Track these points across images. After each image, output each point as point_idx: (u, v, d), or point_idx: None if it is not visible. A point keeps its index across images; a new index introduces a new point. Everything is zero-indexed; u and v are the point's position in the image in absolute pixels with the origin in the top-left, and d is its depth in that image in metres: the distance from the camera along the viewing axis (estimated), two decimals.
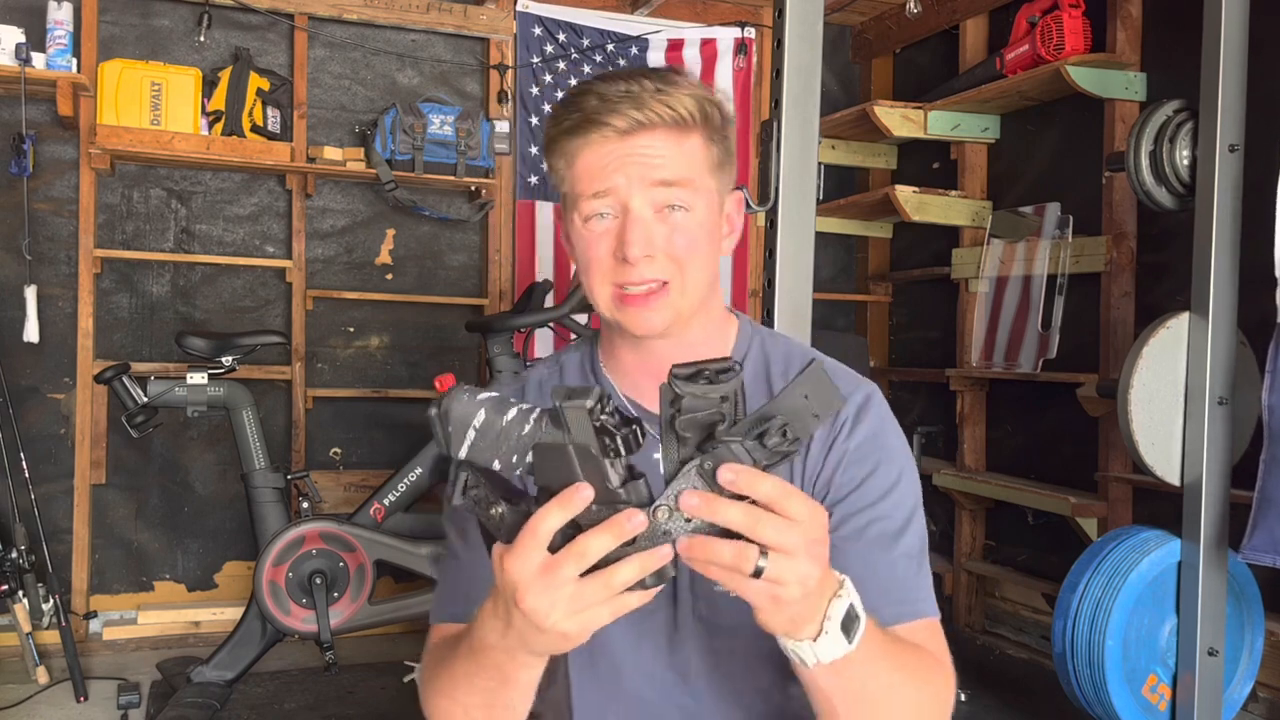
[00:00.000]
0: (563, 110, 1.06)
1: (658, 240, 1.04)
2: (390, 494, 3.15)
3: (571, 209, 1.07)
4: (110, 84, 3.40)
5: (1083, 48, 3.39)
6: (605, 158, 1.03)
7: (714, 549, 0.75)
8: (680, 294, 1.06)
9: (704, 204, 1.06)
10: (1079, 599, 2.62)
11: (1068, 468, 3.57)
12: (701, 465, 0.76)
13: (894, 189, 3.83)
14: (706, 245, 1.07)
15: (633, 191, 1.03)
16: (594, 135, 1.03)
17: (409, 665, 3.24)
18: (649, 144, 1.03)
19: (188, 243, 3.76)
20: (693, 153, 1.05)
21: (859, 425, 1.09)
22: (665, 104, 1.02)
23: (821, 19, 2.32)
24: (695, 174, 1.05)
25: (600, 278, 1.06)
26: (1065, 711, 2.85)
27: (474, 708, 0.95)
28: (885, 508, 1.06)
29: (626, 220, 1.03)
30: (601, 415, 0.76)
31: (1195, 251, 2.51)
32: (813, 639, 0.82)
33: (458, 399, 0.80)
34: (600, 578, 0.76)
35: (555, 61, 4.11)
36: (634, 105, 1.02)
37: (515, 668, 0.88)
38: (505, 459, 0.79)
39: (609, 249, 1.05)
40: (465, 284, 4.09)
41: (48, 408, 3.58)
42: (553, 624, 0.77)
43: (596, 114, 1.02)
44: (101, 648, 3.51)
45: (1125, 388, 2.57)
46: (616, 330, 1.11)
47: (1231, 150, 2.45)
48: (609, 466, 0.76)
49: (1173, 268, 3.17)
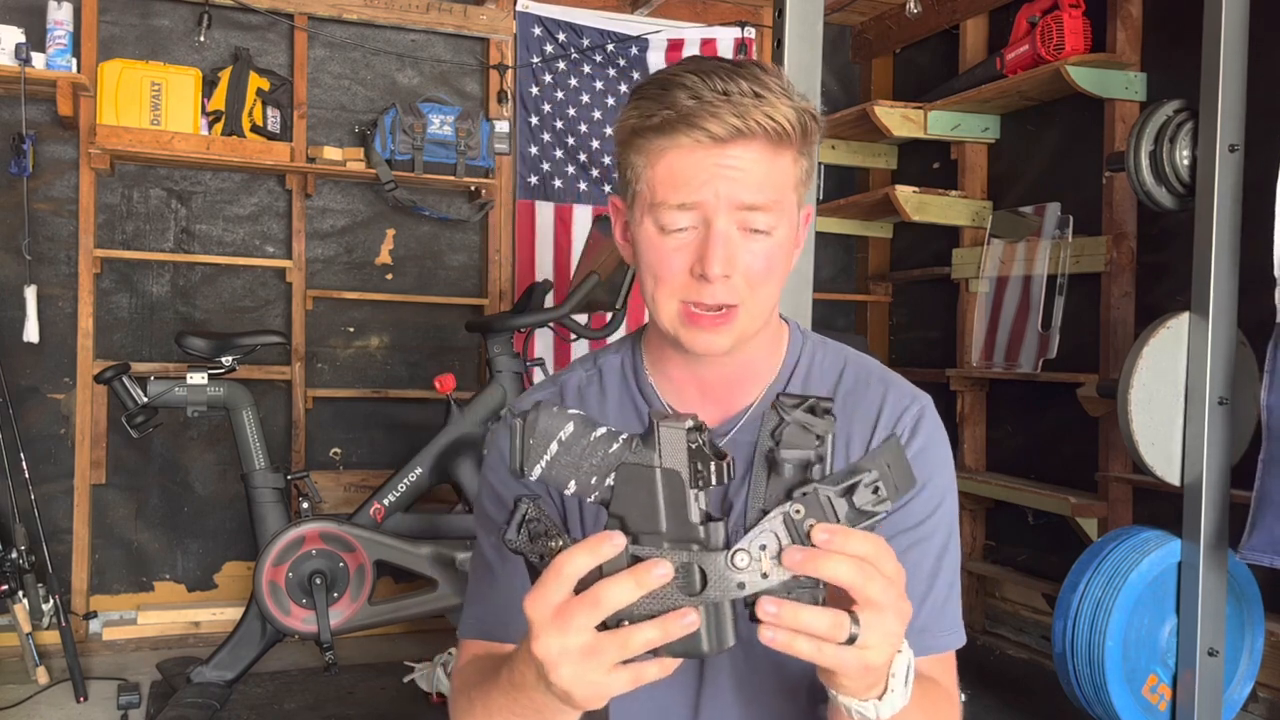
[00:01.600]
0: (648, 102, 0.96)
1: (739, 263, 0.96)
2: (390, 494, 3.15)
3: (645, 213, 0.98)
4: (110, 84, 3.40)
5: (1083, 48, 3.39)
6: (695, 167, 0.94)
7: (808, 618, 0.70)
8: (749, 318, 1.00)
9: (786, 225, 0.99)
10: (1079, 599, 2.62)
11: (1068, 468, 3.57)
12: (788, 514, 0.71)
13: (894, 189, 3.83)
14: (781, 267, 1.01)
15: (719, 209, 0.95)
16: (684, 140, 0.94)
17: (409, 665, 3.24)
18: (742, 156, 0.94)
19: (188, 243, 3.76)
20: (784, 170, 0.97)
21: (914, 439, 1.06)
22: (767, 114, 0.93)
23: (821, 19, 2.32)
24: (783, 195, 0.98)
25: (669, 292, 0.99)
26: (1065, 711, 2.85)
27: None
28: (927, 529, 1.03)
29: (710, 236, 0.95)
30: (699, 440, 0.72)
31: (1195, 251, 2.51)
32: (878, 697, 0.79)
33: (547, 410, 0.75)
34: (616, 637, 0.70)
35: (555, 61, 4.11)
36: (734, 112, 0.92)
37: (554, 713, 0.81)
38: (584, 479, 0.74)
39: (685, 264, 0.97)
40: (465, 284, 4.09)
41: (48, 408, 3.58)
42: (560, 678, 0.72)
43: (692, 115, 0.92)
44: (101, 648, 3.51)
45: (1125, 388, 2.57)
46: (673, 344, 1.03)
47: (1231, 150, 2.45)
48: (692, 499, 0.72)
49: (1173, 268, 3.17)
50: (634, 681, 0.72)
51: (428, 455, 3.19)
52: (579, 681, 0.71)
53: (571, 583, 0.71)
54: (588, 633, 0.70)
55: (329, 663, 2.98)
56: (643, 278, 1.02)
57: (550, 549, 0.76)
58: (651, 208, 0.97)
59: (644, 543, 0.71)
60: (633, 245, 1.03)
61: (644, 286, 1.02)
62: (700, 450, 0.72)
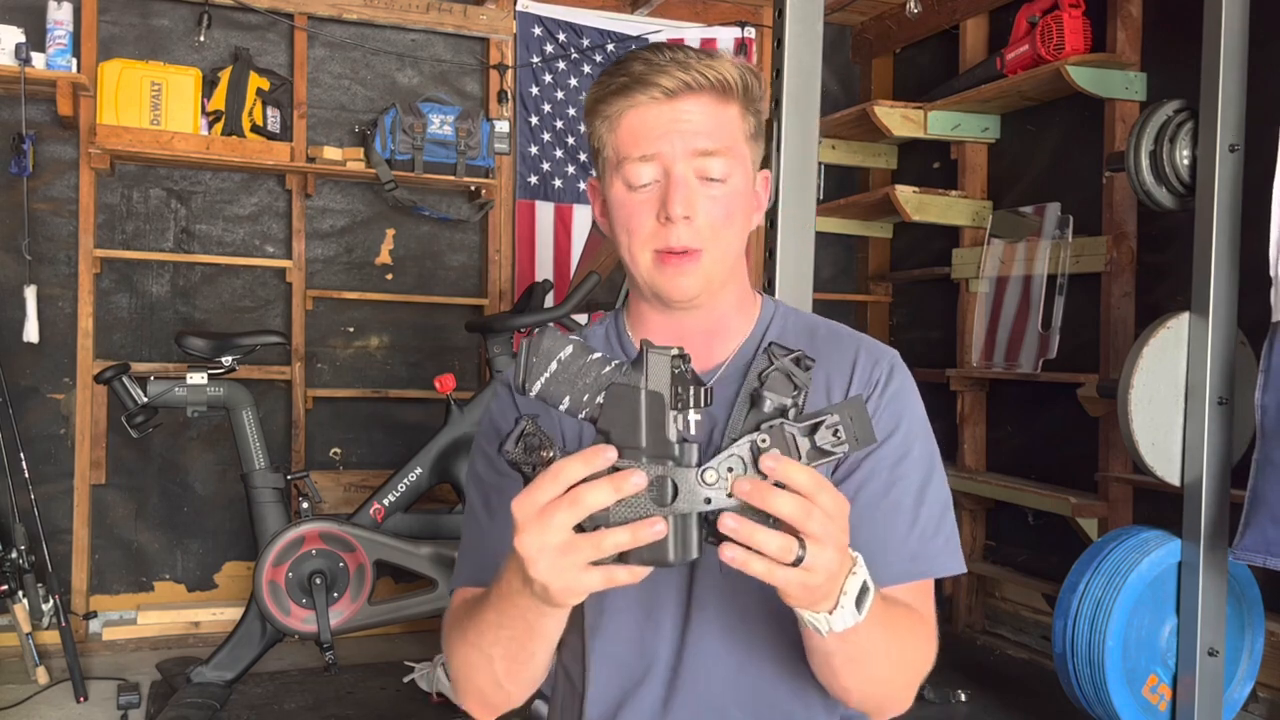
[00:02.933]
0: (608, 76, 1.09)
1: (697, 205, 1.07)
2: (390, 494, 3.15)
3: (614, 173, 1.09)
4: (110, 84, 3.40)
5: (1083, 48, 3.39)
6: (651, 120, 1.06)
7: (761, 537, 0.77)
8: (712, 262, 1.09)
9: (740, 173, 1.10)
10: (1079, 599, 2.62)
11: (1068, 468, 3.57)
12: (755, 442, 0.79)
13: (894, 189, 3.83)
14: (740, 215, 1.11)
15: (677, 157, 1.06)
16: (640, 96, 1.06)
17: (409, 665, 3.24)
18: (692, 109, 1.06)
19: (187, 243, 3.76)
20: (732, 121, 1.09)
21: (890, 384, 1.14)
22: (710, 68, 1.06)
23: (821, 19, 2.32)
24: (734, 142, 1.08)
25: (641, 243, 1.09)
26: (1065, 712, 2.85)
27: (498, 658, 0.98)
28: (905, 467, 1.11)
29: (670, 183, 1.06)
30: (682, 366, 0.81)
31: (1195, 251, 2.51)
32: (829, 611, 0.87)
33: (551, 333, 0.84)
34: (590, 537, 0.77)
35: (555, 61, 4.11)
36: (680, 68, 1.05)
37: (537, 616, 0.89)
38: (577, 396, 0.82)
39: (652, 213, 1.08)
40: (465, 284, 4.09)
41: (47, 408, 3.58)
42: (539, 573, 0.79)
43: (644, 76, 1.06)
44: (101, 648, 3.51)
45: (1125, 388, 2.57)
46: (649, 297, 1.14)
47: (1231, 150, 2.45)
48: (671, 420, 0.79)
49: (1173, 268, 3.17)
50: (605, 581, 0.79)
51: (427, 455, 3.19)
52: (555, 576, 0.78)
53: (561, 488, 0.77)
54: (565, 532, 0.77)
55: (329, 663, 2.98)
56: (618, 237, 1.12)
57: (543, 459, 0.82)
58: (618, 166, 1.08)
59: (625, 456, 0.78)
60: (607, 210, 1.13)
61: (620, 244, 1.12)
62: (682, 376, 0.80)
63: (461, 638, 1.04)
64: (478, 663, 1.01)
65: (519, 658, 0.97)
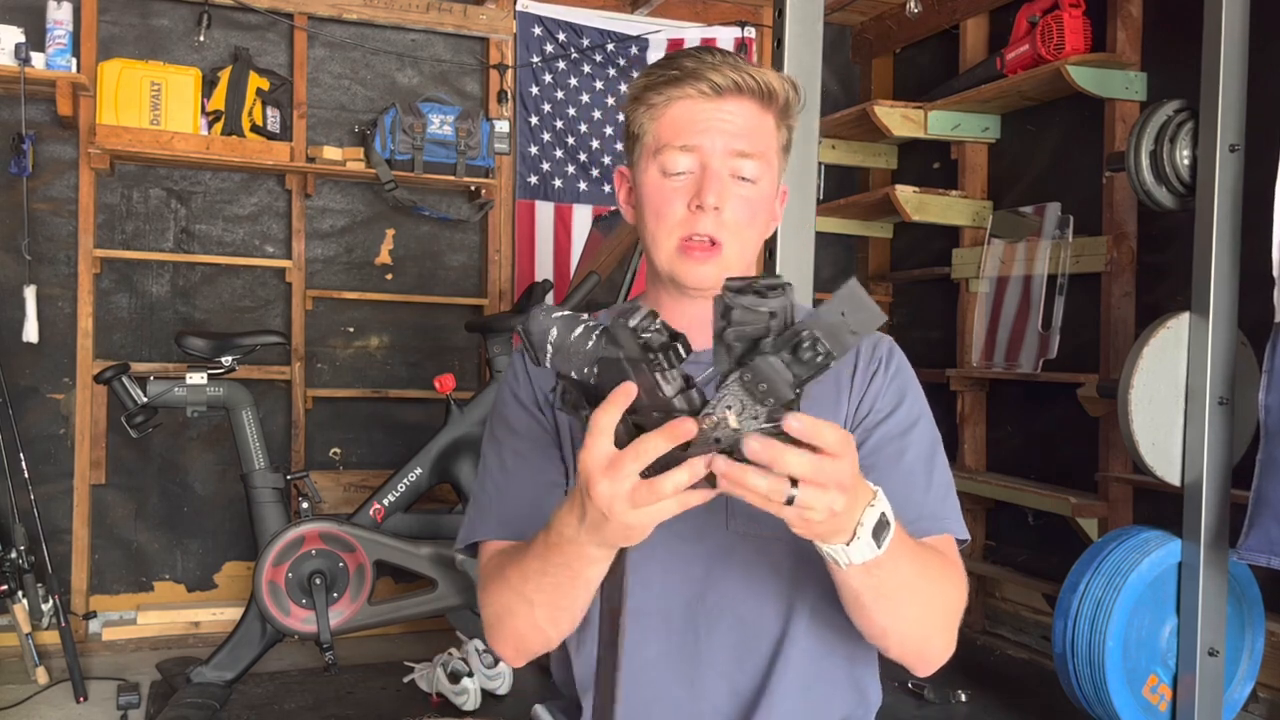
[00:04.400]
0: (658, 68, 1.15)
1: (728, 199, 1.12)
2: (390, 494, 3.15)
3: (651, 160, 1.15)
4: (110, 84, 3.40)
5: (1083, 47, 3.38)
6: (696, 113, 1.12)
7: (750, 479, 0.81)
8: (733, 256, 1.15)
9: (768, 180, 1.16)
10: (1079, 599, 2.62)
11: (1068, 468, 3.57)
12: (741, 377, 0.81)
13: (894, 189, 3.83)
14: (762, 218, 1.17)
15: (715, 153, 1.12)
16: (690, 89, 1.12)
17: (409, 665, 3.24)
18: (736, 110, 1.12)
19: (187, 243, 3.75)
20: (769, 129, 1.15)
21: (890, 363, 1.21)
22: (759, 74, 1.12)
23: (821, 19, 2.31)
24: (767, 149, 1.15)
25: (668, 230, 1.14)
26: (1065, 712, 2.85)
27: (539, 604, 1.04)
28: (915, 435, 1.17)
29: (705, 175, 1.12)
30: (645, 333, 0.84)
31: (1196, 251, 2.51)
32: (845, 543, 0.90)
33: (535, 318, 0.89)
34: (656, 482, 0.83)
35: (555, 61, 4.11)
36: (731, 69, 1.11)
37: (584, 563, 0.96)
38: (579, 369, 0.88)
39: (683, 201, 1.13)
40: (465, 284, 4.09)
41: (47, 408, 3.57)
42: (618, 514, 0.85)
43: (696, 70, 1.11)
44: (101, 648, 3.51)
45: (1125, 388, 2.57)
46: (667, 284, 1.19)
47: (1232, 150, 2.45)
48: (659, 378, 0.83)
49: (1173, 268, 3.16)
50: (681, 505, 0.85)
51: (427, 455, 3.19)
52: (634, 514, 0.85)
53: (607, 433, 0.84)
54: (634, 478, 0.84)
55: (329, 663, 2.98)
56: (645, 220, 1.17)
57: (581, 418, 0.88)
58: (656, 153, 1.14)
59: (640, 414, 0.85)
60: (636, 195, 1.18)
61: (645, 229, 1.17)
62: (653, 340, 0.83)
63: (502, 584, 1.09)
64: (518, 608, 1.07)
65: (560, 604, 1.03)
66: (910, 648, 1.07)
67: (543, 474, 1.19)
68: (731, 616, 1.16)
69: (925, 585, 1.02)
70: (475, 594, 3.12)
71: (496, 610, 1.10)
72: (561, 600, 1.02)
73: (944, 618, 1.07)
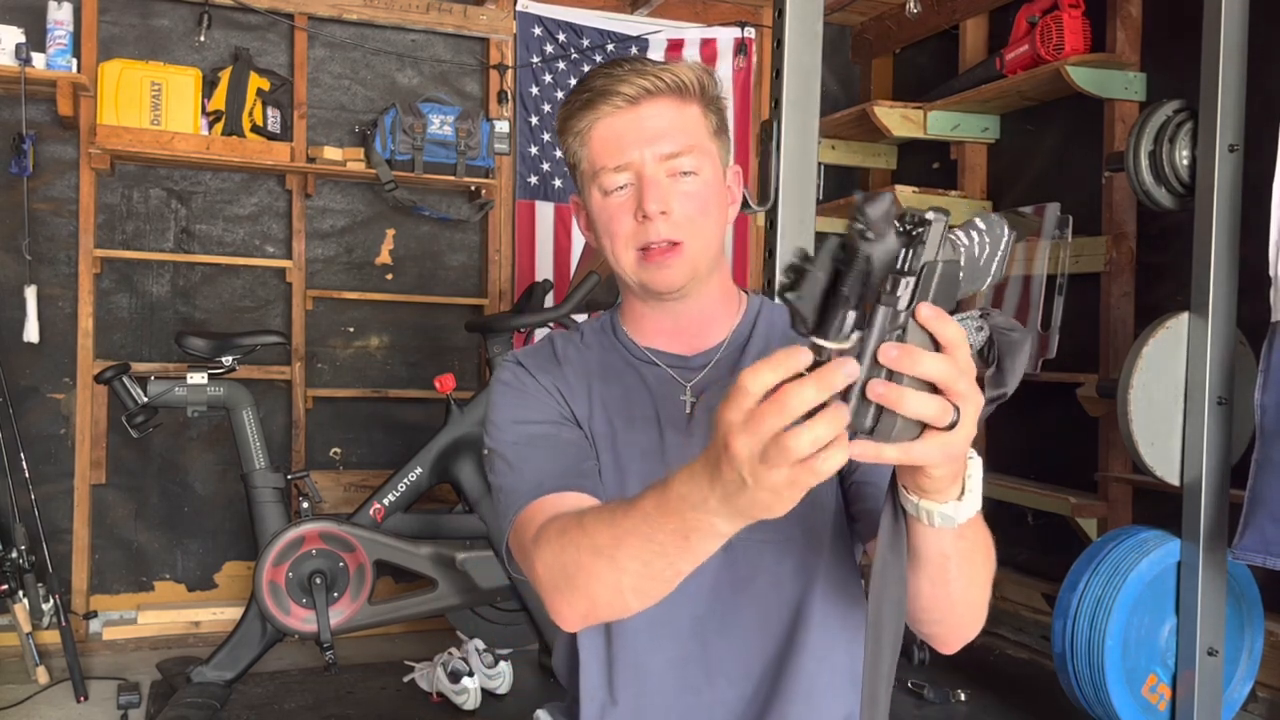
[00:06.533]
0: (573, 94, 1.18)
1: (672, 201, 1.14)
2: (390, 494, 3.15)
3: (591, 184, 1.17)
4: (110, 84, 3.40)
5: (1082, 48, 3.39)
6: (619, 128, 1.14)
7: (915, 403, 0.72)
8: (694, 252, 1.15)
9: (709, 167, 1.17)
10: (1079, 599, 2.62)
11: (1068, 468, 3.57)
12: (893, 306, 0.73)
13: (894, 189, 3.83)
14: (715, 207, 1.17)
15: (645, 162, 1.14)
16: (605, 107, 1.14)
17: (409, 665, 3.24)
18: (655, 112, 1.14)
19: (187, 243, 3.76)
20: (694, 120, 1.16)
21: None
22: (667, 72, 1.14)
23: (821, 19, 2.32)
24: (698, 140, 1.16)
25: (624, 243, 1.16)
26: (1065, 711, 2.85)
27: (631, 572, 0.91)
28: None
29: (643, 184, 1.14)
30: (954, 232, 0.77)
31: (1195, 251, 2.51)
32: (957, 498, 0.84)
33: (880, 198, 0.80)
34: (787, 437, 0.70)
35: (555, 61, 4.11)
36: (638, 75, 1.14)
37: (704, 535, 0.83)
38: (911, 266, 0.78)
39: (629, 214, 1.15)
40: (465, 284, 4.09)
41: (48, 408, 3.58)
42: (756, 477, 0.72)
43: (606, 88, 1.14)
44: (101, 648, 3.51)
45: (1125, 388, 2.57)
46: (640, 293, 1.20)
47: (1231, 150, 2.45)
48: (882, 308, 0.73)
49: (1172, 268, 3.16)
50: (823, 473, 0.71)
51: (427, 455, 3.19)
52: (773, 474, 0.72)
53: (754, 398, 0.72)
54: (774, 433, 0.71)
55: (329, 663, 2.98)
56: (602, 242, 1.19)
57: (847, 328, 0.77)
58: (594, 177, 1.16)
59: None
60: (589, 220, 1.20)
61: (605, 249, 1.19)
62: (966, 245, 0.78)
63: (580, 542, 0.96)
64: (601, 571, 0.94)
65: (661, 575, 0.91)
66: (969, 618, 1.00)
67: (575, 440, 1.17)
68: (739, 627, 1.16)
69: (988, 542, 0.96)
70: (475, 594, 3.15)
71: (567, 569, 0.97)
72: (664, 571, 0.90)
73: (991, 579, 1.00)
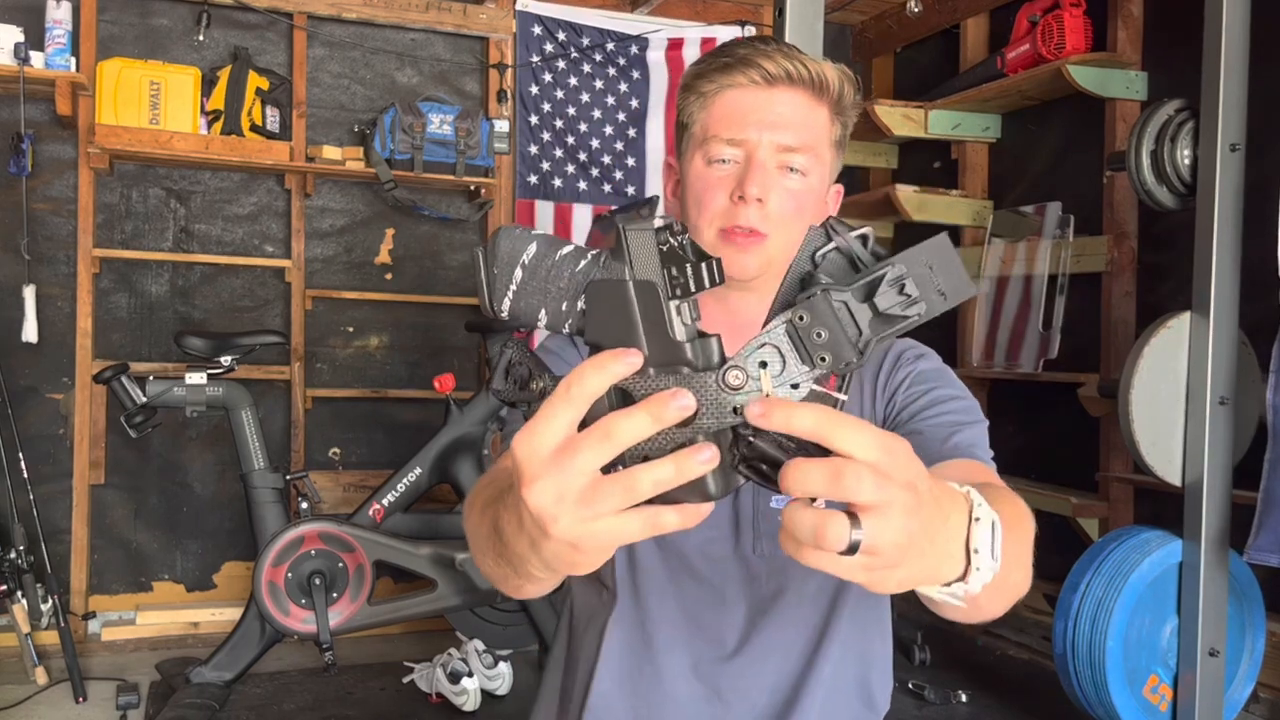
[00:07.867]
0: (712, 56, 1.12)
1: (772, 192, 1.08)
2: (389, 494, 3.14)
3: (697, 149, 1.11)
4: (109, 83, 3.40)
5: (1084, 47, 3.38)
6: (745, 104, 1.08)
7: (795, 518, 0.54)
8: (775, 248, 1.09)
9: (818, 174, 1.11)
10: (1080, 599, 2.61)
11: (1069, 468, 3.57)
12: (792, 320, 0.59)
13: (895, 188, 3.82)
14: (810, 213, 1.11)
15: (761, 145, 1.08)
16: (740, 77, 1.08)
17: (408, 665, 3.24)
18: (787, 100, 1.08)
19: (187, 242, 3.75)
20: (820, 122, 1.10)
21: (922, 359, 1.16)
22: (812, 64, 1.08)
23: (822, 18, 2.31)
24: (817, 143, 1.10)
25: (710, 218, 1.10)
26: (1066, 712, 2.85)
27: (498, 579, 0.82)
28: (954, 406, 1.11)
29: (750, 165, 1.08)
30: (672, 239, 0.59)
31: (1196, 251, 2.50)
32: (961, 578, 0.64)
33: (508, 234, 0.65)
34: (622, 478, 0.55)
35: (555, 61, 4.10)
36: (784, 58, 1.07)
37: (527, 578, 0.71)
38: (554, 306, 0.63)
39: (726, 192, 1.09)
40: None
41: (46, 408, 3.57)
42: (560, 531, 0.57)
43: (748, 58, 1.07)
44: (100, 648, 3.51)
45: (1126, 388, 2.56)
46: None
47: (1233, 150, 2.45)
48: (674, 312, 0.58)
49: (1174, 267, 3.16)
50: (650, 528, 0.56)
51: (427, 455, 3.18)
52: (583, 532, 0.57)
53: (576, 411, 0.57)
54: (590, 475, 0.56)
55: (328, 663, 2.97)
56: (688, 209, 1.13)
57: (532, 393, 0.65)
58: (703, 143, 1.10)
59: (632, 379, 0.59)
60: (681, 185, 1.14)
61: (688, 219, 1.13)
62: (675, 252, 0.59)
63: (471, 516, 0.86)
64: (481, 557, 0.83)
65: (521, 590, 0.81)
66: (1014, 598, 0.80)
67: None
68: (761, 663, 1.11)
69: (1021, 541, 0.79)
70: (475, 595, 3.15)
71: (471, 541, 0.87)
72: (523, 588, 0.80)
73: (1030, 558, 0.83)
